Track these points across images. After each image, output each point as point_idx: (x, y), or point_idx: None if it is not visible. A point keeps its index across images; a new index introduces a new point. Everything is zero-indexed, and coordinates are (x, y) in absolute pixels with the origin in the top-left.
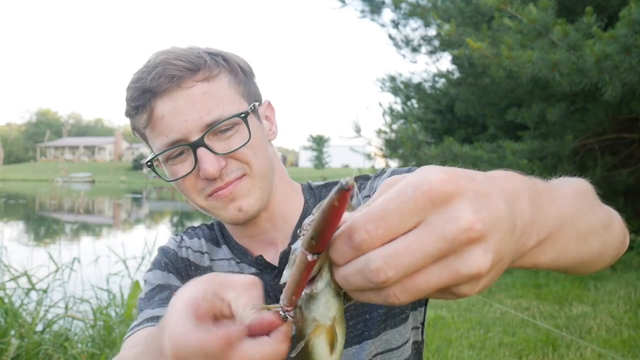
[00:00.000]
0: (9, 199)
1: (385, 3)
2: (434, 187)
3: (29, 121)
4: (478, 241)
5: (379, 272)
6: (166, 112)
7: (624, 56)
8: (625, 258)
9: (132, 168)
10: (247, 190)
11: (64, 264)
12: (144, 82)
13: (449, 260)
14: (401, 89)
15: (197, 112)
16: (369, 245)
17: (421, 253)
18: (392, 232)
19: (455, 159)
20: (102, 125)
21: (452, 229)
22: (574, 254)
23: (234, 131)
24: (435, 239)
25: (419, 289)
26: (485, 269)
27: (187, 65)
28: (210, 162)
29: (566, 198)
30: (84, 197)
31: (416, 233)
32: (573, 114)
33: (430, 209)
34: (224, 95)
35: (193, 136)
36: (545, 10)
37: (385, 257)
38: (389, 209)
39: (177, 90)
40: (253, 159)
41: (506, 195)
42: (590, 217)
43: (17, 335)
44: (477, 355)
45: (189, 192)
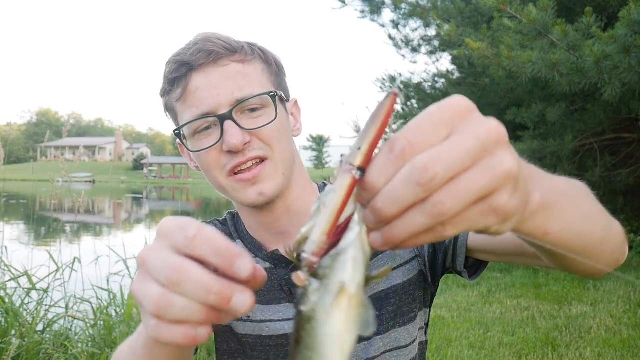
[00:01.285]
0: (9, 199)
1: (385, 3)
2: (456, 102)
3: (30, 121)
4: (505, 143)
5: (426, 168)
6: (200, 85)
7: (623, 56)
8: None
9: (133, 168)
10: (269, 175)
11: (65, 263)
12: (183, 56)
13: (486, 161)
14: (401, 89)
15: (229, 87)
16: (411, 151)
17: (461, 150)
18: (429, 140)
19: None
20: (102, 125)
21: (483, 129)
22: (578, 231)
23: (262, 112)
24: (470, 139)
25: (465, 191)
26: (516, 168)
27: (226, 45)
28: (235, 134)
29: (560, 182)
30: (84, 197)
31: (452, 138)
32: (573, 114)
33: (457, 119)
34: (256, 79)
35: (222, 110)
36: (544, 11)
37: (430, 156)
38: (421, 122)
39: (213, 65)
40: (277, 143)
41: None
42: (590, 204)
43: (18, 335)
44: (477, 355)
45: (211, 168)
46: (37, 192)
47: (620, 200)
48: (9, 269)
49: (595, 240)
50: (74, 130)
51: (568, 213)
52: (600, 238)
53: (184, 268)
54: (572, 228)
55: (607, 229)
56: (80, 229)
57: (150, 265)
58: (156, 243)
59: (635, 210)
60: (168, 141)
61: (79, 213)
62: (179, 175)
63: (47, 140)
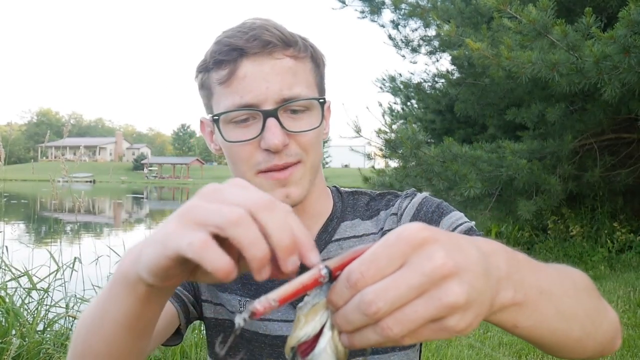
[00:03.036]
0: (10, 199)
1: (385, 3)
2: (412, 234)
3: (30, 121)
4: (453, 276)
5: (370, 304)
6: (249, 73)
7: (623, 56)
8: (625, 258)
9: (133, 168)
10: (299, 179)
11: (65, 263)
12: (236, 39)
13: (431, 293)
14: (401, 89)
15: (278, 84)
16: (362, 283)
17: (405, 286)
18: (380, 273)
19: (455, 159)
20: (102, 125)
21: (429, 265)
22: (551, 329)
23: (303, 115)
24: (416, 274)
25: (409, 319)
26: (463, 298)
27: (283, 37)
28: (277, 134)
29: (549, 276)
30: (84, 197)
31: (400, 271)
32: (572, 114)
33: (410, 252)
34: (305, 78)
35: (267, 105)
36: (544, 11)
37: (376, 291)
38: (377, 253)
39: (267, 56)
40: (312, 148)
41: (481, 251)
42: (574, 302)
43: (18, 335)
44: (477, 355)
45: (241, 162)
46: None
47: (620, 200)
48: (10, 268)
49: (573, 337)
50: (75, 130)
51: (543, 311)
52: (579, 336)
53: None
54: (545, 325)
55: (590, 327)
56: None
57: (228, 194)
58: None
59: (635, 210)
60: (168, 141)
61: (80, 213)
62: (179, 175)
63: (48, 140)
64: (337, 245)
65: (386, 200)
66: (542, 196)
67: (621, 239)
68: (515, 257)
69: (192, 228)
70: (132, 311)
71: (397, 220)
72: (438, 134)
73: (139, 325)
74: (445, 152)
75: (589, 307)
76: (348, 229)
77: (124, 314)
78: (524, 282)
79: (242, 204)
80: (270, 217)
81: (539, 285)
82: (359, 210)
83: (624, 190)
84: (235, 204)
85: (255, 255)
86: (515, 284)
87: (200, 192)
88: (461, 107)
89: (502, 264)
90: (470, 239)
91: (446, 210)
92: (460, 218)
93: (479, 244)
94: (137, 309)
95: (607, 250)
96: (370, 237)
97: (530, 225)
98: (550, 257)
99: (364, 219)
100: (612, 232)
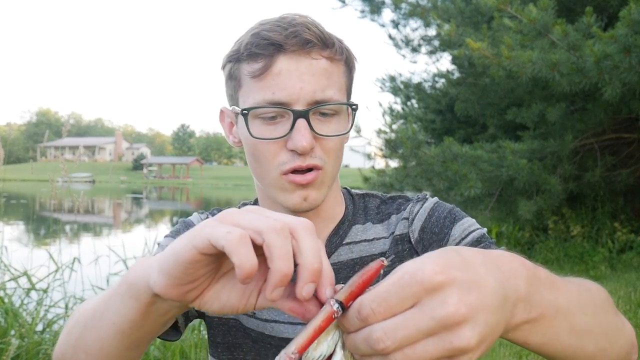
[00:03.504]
0: (9, 199)
1: (385, 3)
2: (426, 277)
3: (29, 121)
4: (465, 322)
5: (378, 341)
6: (285, 70)
7: (623, 56)
8: (626, 258)
9: (132, 168)
10: (318, 184)
11: (64, 263)
12: (275, 34)
13: (442, 335)
14: (401, 89)
15: (312, 85)
16: (373, 319)
17: (414, 328)
18: (391, 311)
19: (455, 159)
20: (102, 125)
21: (441, 311)
22: (563, 346)
23: (332, 119)
24: (427, 318)
25: (419, 356)
26: (473, 344)
27: (322, 37)
28: (306, 137)
29: (568, 293)
30: (84, 197)
31: (412, 312)
32: (573, 114)
33: (423, 294)
34: (338, 81)
35: (299, 105)
36: (545, 10)
37: (384, 329)
38: (390, 291)
39: (305, 55)
40: (335, 155)
41: (500, 272)
42: (590, 318)
43: (17, 335)
44: None
45: (265, 159)
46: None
47: (620, 200)
48: (9, 269)
49: (587, 353)
50: (74, 130)
51: (556, 328)
52: (592, 353)
53: None
54: (558, 342)
55: (605, 343)
56: (80, 229)
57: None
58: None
59: (635, 210)
60: (167, 141)
61: (79, 213)
62: (179, 175)
63: (47, 140)
64: (347, 249)
65: (397, 204)
66: (543, 196)
67: (622, 239)
68: (536, 274)
69: (229, 225)
70: (131, 318)
71: (409, 224)
72: (438, 134)
73: (134, 335)
74: (446, 152)
75: (604, 324)
76: (359, 232)
77: (123, 319)
78: (542, 301)
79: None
80: (308, 238)
81: (557, 303)
82: (370, 213)
83: (624, 190)
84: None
85: (281, 268)
86: (532, 304)
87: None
88: (461, 107)
89: (522, 284)
90: (491, 258)
91: (458, 216)
92: (472, 225)
93: (500, 262)
94: (136, 317)
95: (608, 251)
96: (380, 241)
97: (530, 225)
98: (550, 257)
99: (375, 223)
100: (613, 232)
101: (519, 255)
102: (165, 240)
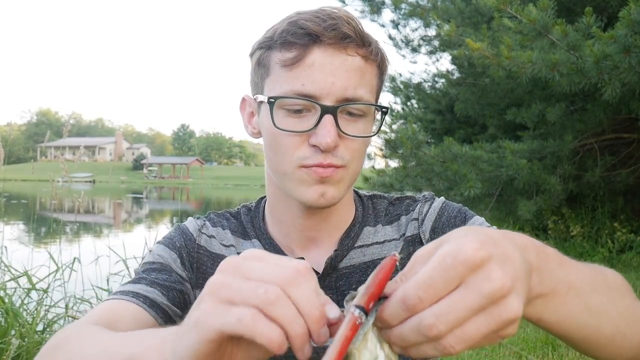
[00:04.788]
0: (10, 199)
1: (385, 3)
2: (469, 256)
3: (30, 121)
4: (510, 293)
5: (431, 327)
6: (318, 63)
7: (623, 56)
8: (625, 258)
9: (133, 168)
10: (338, 181)
11: (65, 263)
12: (313, 24)
13: (491, 310)
14: (401, 89)
15: (344, 81)
16: (420, 306)
17: (465, 308)
18: (438, 295)
19: (455, 159)
20: (102, 125)
21: (488, 286)
22: (579, 325)
23: (359, 119)
24: (476, 296)
25: (470, 336)
26: (520, 312)
27: (360, 34)
28: (332, 134)
29: (579, 272)
30: (84, 197)
31: (459, 293)
32: (572, 114)
33: (467, 273)
34: (369, 82)
35: (328, 100)
36: (544, 11)
37: (436, 315)
38: (434, 277)
39: (340, 50)
40: (358, 155)
41: (518, 248)
42: (605, 299)
43: (18, 335)
44: (477, 355)
45: (285, 152)
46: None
47: (621, 200)
48: (9, 269)
49: (605, 334)
50: (74, 130)
51: (570, 306)
52: (611, 334)
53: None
54: (573, 320)
55: (624, 326)
56: (80, 229)
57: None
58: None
59: (635, 210)
60: (168, 141)
61: (79, 213)
62: (179, 175)
63: (47, 140)
64: (359, 252)
65: (405, 205)
66: (543, 196)
67: (622, 239)
68: (545, 251)
69: (230, 306)
70: None
71: (419, 225)
72: (438, 134)
73: None
74: (445, 152)
75: (622, 307)
76: (370, 235)
77: None
78: (552, 276)
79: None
80: (299, 292)
81: (568, 279)
82: (379, 215)
83: (624, 190)
84: (264, 281)
85: (297, 332)
86: (543, 277)
87: (221, 269)
88: (461, 107)
89: (533, 257)
90: (505, 234)
91: (468, 215)
92: (482, 223)
93: (514, 237)
94: None
95: (608, 251)
96: (392, 243)
97: (530, 225)
98: None
99: (385, 225)
100: (613, 232)
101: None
102: (157, 247)
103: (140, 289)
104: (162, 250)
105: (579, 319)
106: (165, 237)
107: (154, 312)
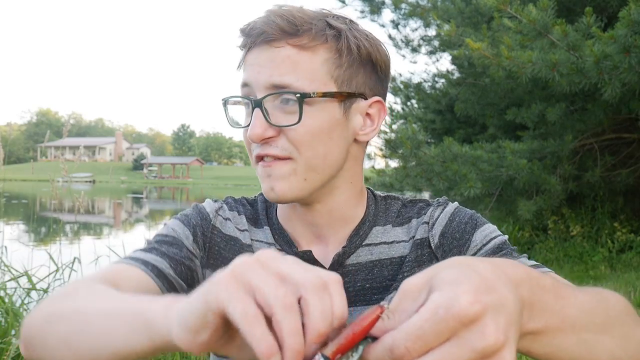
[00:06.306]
0: (10, 199)
1: (385, 3)
2: (463, 310)
3: (30, 121)
4: (504, 347)
5: None
6: (250, 61)
7: (623, 56)
8: (625, 258)
9: (133, 168)
10: (285, 175)
11: (65, 263)
12: (252, 25)
13: None
14: (401, 89)
15: (270, 70)
16: (408, 358)
17: None
18: (427, 347)
19: (455, 159)
20: (102, 125)
21: (482, 343)
22: (571, 357)
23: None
24: (467, 352)
25: None
26: None
27: (285, 27)
28: (257, 126)
29: (577, 303)
30: (84, 197)
31: (450, 346)
32: (572, 114)
33: (460, 328)
34: (307, 69)
35: (259, 93)
36: (544, 11)
37: None
38: (424, 328)
39: (265, 45)
40: (305, 147)
41: (509, 281)
42: (602, 329)
43: (18, 335)
44: None
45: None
46: (38, 192)
47: (621, 200)
48: (9, 269)
49: None
50: (74, 130)
51: (562, 339)
52: None
53: None
54: (563, 354)
55: (622, 354)
56: (80, 229)
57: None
58: None
59: (635, 210)
60: (168, 141)
61: (79, 213)
62: (179, 175)
63: (47, 140)
64: (367, 251)
65: (418, 208)
66: (543, 196)
67: (622, 239)
68: (541, 283)
69: (243, 293)
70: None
71: (429, 229)
72: (438, 134)
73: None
74: (445, 152)
75: (621, 334)
76: (379, 234)
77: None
78: (545, 311)
79: (297, 282)
80: (318, 300)
81: (563, 313)
82: (390, 216)
83: (624, 190)
84: (293, 282)
85: (292, 345)
86: (534, 313)
87: (257, 255)
88: (461, 107)
89: (526, 293)
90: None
91: (479, 222)
92: (493, 231)
93: (506, 269)
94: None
95: (608, 251)
96: (400, 244)
97: (530, 225)
98: (550, 257)
99: (395, 226)
100: (613, 232)
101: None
102: (172, 221)
103: (150, 257)
104: (176, 225)
105: (571, 352)
106: (182, 214)
107: (160, 282)
